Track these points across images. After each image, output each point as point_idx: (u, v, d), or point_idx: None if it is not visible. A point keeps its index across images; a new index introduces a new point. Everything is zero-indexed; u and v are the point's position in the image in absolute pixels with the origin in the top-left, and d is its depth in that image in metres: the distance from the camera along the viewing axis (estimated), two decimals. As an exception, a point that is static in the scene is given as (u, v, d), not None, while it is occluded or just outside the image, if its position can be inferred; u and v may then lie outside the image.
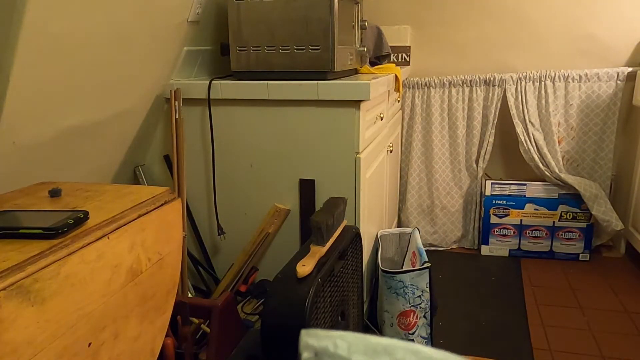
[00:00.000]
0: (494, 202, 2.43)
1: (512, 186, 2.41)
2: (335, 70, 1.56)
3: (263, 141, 1.61)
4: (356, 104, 1.48)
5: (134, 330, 0.95)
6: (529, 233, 2.42)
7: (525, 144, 2.39)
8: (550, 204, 2.38)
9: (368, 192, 1.68)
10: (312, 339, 0.16)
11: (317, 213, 1.30)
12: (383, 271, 1.67)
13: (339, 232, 1.37)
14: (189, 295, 1.70)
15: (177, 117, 1.62)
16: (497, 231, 2.45)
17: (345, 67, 1.67)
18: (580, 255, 2.39)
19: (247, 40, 1.61)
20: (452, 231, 2.58)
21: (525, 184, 2.40)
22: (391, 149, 2.10)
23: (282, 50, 1.59)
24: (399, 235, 2.03)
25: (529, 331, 1.83)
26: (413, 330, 1.65)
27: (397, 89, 2.07)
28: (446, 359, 0.17)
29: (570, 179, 2.34)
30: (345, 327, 1.40)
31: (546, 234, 2.40)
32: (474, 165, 2.51)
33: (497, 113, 2.41)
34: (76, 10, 1.10)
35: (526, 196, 2.40)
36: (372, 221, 1.83)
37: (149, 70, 1.53)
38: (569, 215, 2.37)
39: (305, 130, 1.56)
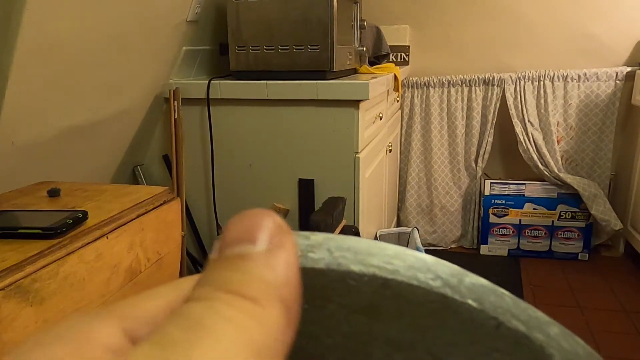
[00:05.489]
0: (493, 201, 2.43)
1: (511, 186, 2.41)
2: (334, 70, 1.56)
3: (262, 141, 1.61)
4: (355, 103, 1.48)
5: (133, 330, 0.95)
6: (528, 232, 2.42)
7: (524, 144, 2.39)
8: (549, 203, 2.38)
9: (367, 192, 1.68)
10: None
11: (316, 213, 1.30)
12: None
13: (338, 232, 1.37)
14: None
15: (176, 116, 1.62)
16: (496, 231, 2.45)
17: (344, 67, 1.67)
18: (579, 254, 2.40)
19: (246, 40, 1.61)
20: (451, 231, 2.58)
21: (524, 184, 2.40)
22: (390, 148, 2.10)
23: (281, 50, 1.59)
24: (398, 235, 2.03)
25: (528, 331, 1.83)
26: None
27: (396, 89, 2.07)
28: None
29: (569, 178, 2.34)
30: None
31: (545, 233, 2.40)
32: (473, 165, 2.51)
33: (496, 113, 2.41)
34: (75, 10, 1.10)
35: (525, 196, 2.40)
36: (371, 221, 1.84)
37: (148, 70, 1.53)
38: (568, 214, 2.37)
39: (304, 130, 1.56)
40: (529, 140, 2.39)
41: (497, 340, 0.16)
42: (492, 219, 2.44)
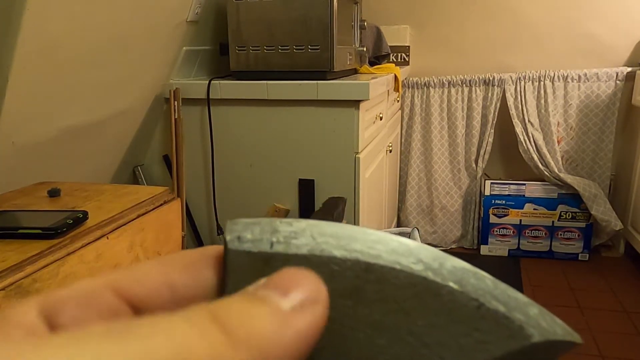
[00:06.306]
0: (493, 202, 2.43)
1: (512, 186, 2.41)
2: (335, 70, 1.56)
3: (262, 141, 1.61)
4: (355, 103, 1.48)
5: (133, 330, 0.94)
6: (528, 233, 2.42)
7: (524, 144, 2.39)
8: (549, 203, 2.38)
9: (367, 192, 1.67)
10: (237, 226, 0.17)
11: (317, 213, 1.30)
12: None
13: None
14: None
15: (176, 117, 1.62)
16: (496, 231, 2.45)
17: (345, 67, 1.67)
18: (580, 255, 2.39)
19: (246, 40, 1.61)
20: (451, 231, 2.58)
21: (524, 184, 2.40)
22: (390, 148, 2.10)
23: (281, 50, 1.59)
24: (399, 235, 2.03)
25: (528, 331, 1.83)
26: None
27: (396, 89, 2.07)
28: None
29: (569, 178, 2.34)
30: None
31: (545, 233, 2.40)
32: (474, 165, 2.51)
33: (496, 113, 2.41)
34: (75, 10, 1.10)
35: (525, 196, 2.40)
36: (372, 221, 1.84)
37: (148, 70, 1.53)
38: (568, 215, 2.37)
39: (304, 130, 1.56)
40: (529, 141, 2.39)
41: (478, 320, 0.17)
42: (493, 219, 2.44)
